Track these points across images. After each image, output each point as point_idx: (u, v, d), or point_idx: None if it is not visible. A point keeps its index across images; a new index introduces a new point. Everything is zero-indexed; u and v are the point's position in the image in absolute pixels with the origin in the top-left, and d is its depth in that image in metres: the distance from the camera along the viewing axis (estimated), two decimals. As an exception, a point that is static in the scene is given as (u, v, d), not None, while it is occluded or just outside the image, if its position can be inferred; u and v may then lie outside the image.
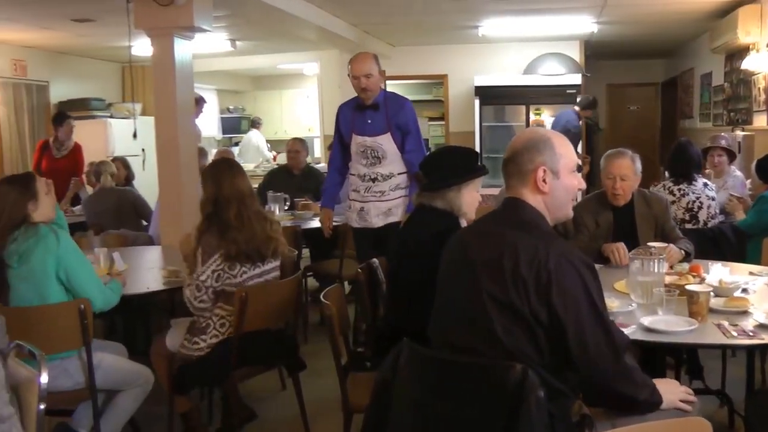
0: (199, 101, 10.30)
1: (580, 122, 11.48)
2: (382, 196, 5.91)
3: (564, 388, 2.56)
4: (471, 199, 4.01)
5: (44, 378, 2.74)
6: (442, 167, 3.99)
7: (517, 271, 2.54)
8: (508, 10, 10.09)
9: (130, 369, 4.46)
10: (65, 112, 10.27)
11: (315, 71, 14.45)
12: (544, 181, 2.76)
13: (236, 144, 16.36)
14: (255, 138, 15.88)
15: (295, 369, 4.86)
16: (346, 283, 6.93)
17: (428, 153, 4.86)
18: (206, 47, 11.00)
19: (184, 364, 4.51)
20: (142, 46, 9.10)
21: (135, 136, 7.97)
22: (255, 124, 16.07)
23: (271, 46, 12.59)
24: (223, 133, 16.73)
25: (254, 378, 4.82)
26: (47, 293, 4.12)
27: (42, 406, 2.74)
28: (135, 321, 6.09)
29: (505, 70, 13.26)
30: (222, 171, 4.59)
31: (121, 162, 8.97)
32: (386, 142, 5.85)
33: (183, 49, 6.96)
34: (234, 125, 16.77)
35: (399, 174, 5.93)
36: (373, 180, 5.91)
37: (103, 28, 10.22)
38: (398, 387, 2.73)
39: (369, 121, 5.87)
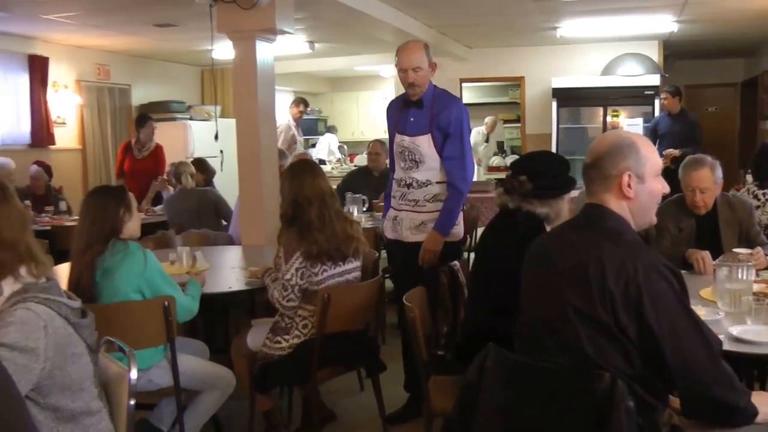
0: (299, 103, 10.48)
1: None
2: (415, 206, 5.17)
3: (652, 399, 2.52)
4: (567, 208, 3.97)
5: (134, 374, 2.77)
6: (551, 174, 3.92)
7: (604, 286, 2.48)
8: (587, 11, 10.01)
9: (212, 372, 4.50)
10: (147, 114, 10.47)
11: (391, 73, 14.45)
12: (629, 186, 2.68)
13: (312, 146, 16.46)
14: (327, 140, 16.07)
15: (374, 371, 4.85)
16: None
17: (523, 156, 4.61)
18: (285, 49, 11.07)
19: (265, 363, 4.54)
20: (221, 50, 9.21)
21: (216, 137, 8.04)
22: (331, 129, 16.21)
23: (348, 47, 12.64)
24: (301, 134, 16.81)
25: (333, 378, 4.82)
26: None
27: (132, 402, 2.77)
28: (215, 319, 6.15)
29: (582, 72, 13.14)
30: (303, 172, 4.63)
31: (201, 163, 9.08)
32: (424, 145, 5.08)
33: (264, 51, 7.00)
34: (310, 127, 16.86)
35: (437, 183, 5.13)
36: (408, 186, 5.22)
37: (184, 32, 10.40)
38: (484, 392, 2.70)
39: (411, 119, 5.16)
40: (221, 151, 11.62)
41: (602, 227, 2.69)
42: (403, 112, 5.22)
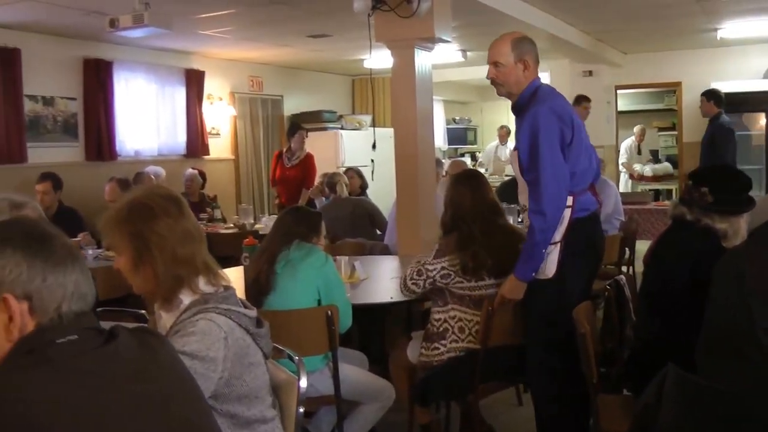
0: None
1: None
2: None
3: None
4: (745, 227, 3.77)
5: (303, 382, 2.77)
6: (735, 189, 3.74)
7: None
8: (751, 9, 9.56)
9: (373, 383, 4.48)
10: (298, 123, 10.68)
11: (544, 81, 14.22)
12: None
13: (462, 155, 16.35)
14: (492, 148, 15.79)
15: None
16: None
17: (705, 167, 4.31)
18: (438, 58, 11.04)
19: (426, 375, 4.48)
20: (374, 59, 9.25)
21: (374, 147, 8.05)
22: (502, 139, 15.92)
23: (499, 56, 12.52)
24: (449, 143, 16.79)
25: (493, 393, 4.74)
26: (302, 300, 4.26)
27: (301, 410, 2.77)
28: (370, 330, 6.12)
29: (743, 75, 12.59)
30: (467, 182, 4.55)
31: (355, 172, 9.12)
32: (515, 163, 4.33)
33: (423, 60, 6.96)
34: (459, 136, 16.81)
35: None
36: (518, 212, 4.92)
37: (337, 42, 10.53)
38: (664, 415, 2.57)
39: (516, 130, 4.41)
40: (372, 161, 11.67)
41: None
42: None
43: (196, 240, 2.68)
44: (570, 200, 4.08)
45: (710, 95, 10.01)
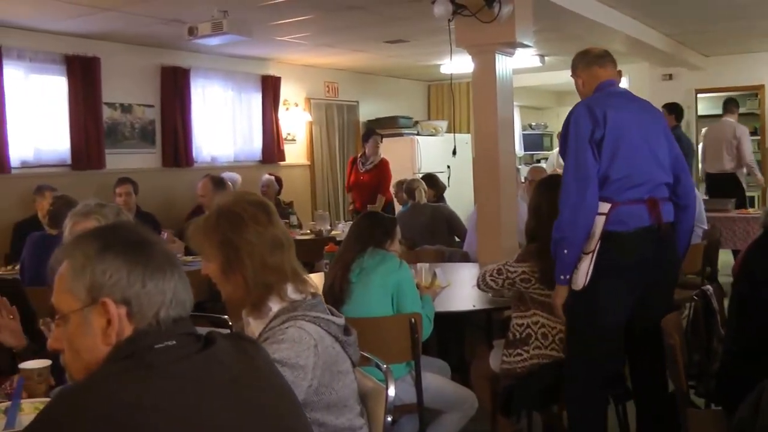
0: None
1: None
2: None
3: None
4: None
5: (392, 391, 2.73)
6: None
7: None
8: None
9: (455, 392, 4.43)
10: (373, 129, 10.75)
11: (622, 85, 13.98)
12: None
13: (538, 161, 16.21)
14: (555, 156, 15.56)
15: (621, 398, 4.60)
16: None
17: None
18: (516, 63, 10.96)
19: (509, 384, 4.42)
20: (451, 64, 9.21)
21: (454, 153, 7.99)
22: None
23: (577, 60, 12.38)
24: (525, 149, 16.66)
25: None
26: (377, 308, 4.22)
27: (389, 418, 2.73)
28: (450, 338, 6.06)
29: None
30: (551, 189, 4.45)
31: (432, 178, 9.05)
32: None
33: (504, 65, 6.92)
34: (536, 142, 16.67)
35: None
36: None
37: (413, 48, 10.54)
38: (760, 429, 2.50)
39: None
40: (448, 167, 11.61)
41: None
42: None
43: (285, 247, 2.67)
44: (606, 207, 3.89)
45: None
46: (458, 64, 8.13)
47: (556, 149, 15.10)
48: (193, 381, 1.63)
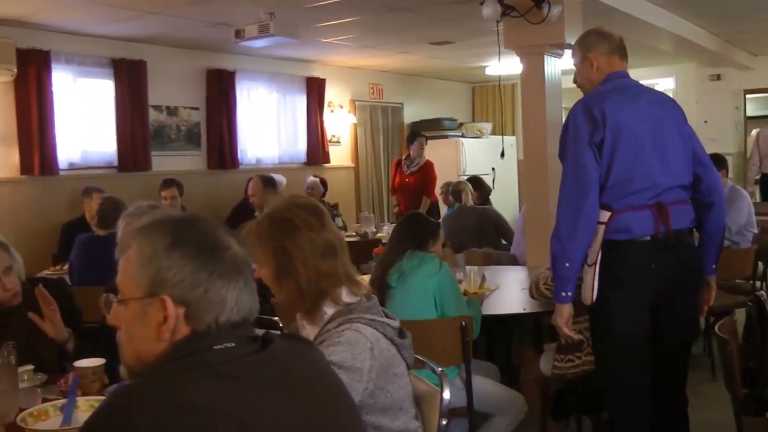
0: None
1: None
2: None
3: None
4: None
5: (447, 394, 2.70)
6: None
7: None
8: None
9: (505, 395, 4.39)
10: (417, 131, 10.67)
11: (669, 86, 13.90)
12: None
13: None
14: None
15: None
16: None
17: None
18: (564, 64, 10.89)
19: (560, 388, 4.39)
20: (496, 66, 9.17)
21: (502, 155, 7.95)
22: None
23: (623, 61, 12.27)
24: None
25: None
26: (418, 312, 4.17)
27: (444, 422, 2.69)
28: (497, 341, 6.02)
29: None
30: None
31: (477, 181, 9.01)
32: None
33: (552, 66, 6.89)
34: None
35: None
36: None
37: (458, 50, 10.52)
38: None
39: None
40: (493, 169, 11.55)
41: None
42: None
43: (339, 251, 2.64)
44: (605, 215, 3.56)
45: None
46: (503, 65, 8.08)
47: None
48: (251, 382, 1.62)
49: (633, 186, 3.56)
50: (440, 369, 2.86)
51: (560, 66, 7.06)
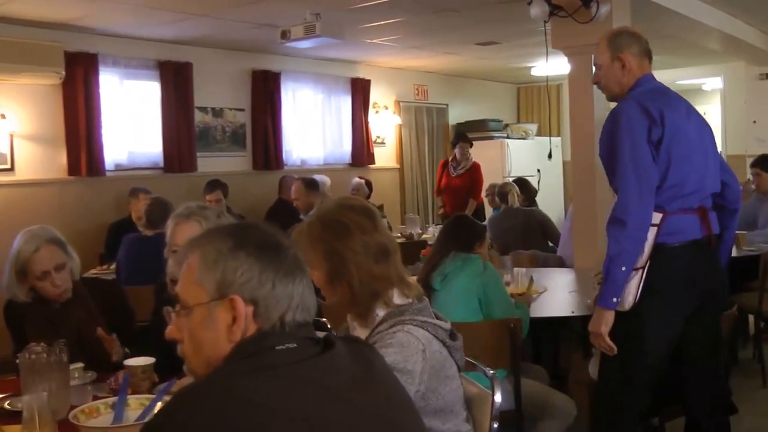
0: None
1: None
2: None
3: None
4: None
5: (498, 397, 2.68)
6: None
7: None
8: None
9: (553, 399, 4.33)
10: (463, 133, 10.67)
11: (717, 86, 13.73)
12: None
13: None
14: None
15: (724, 411, 4.47)
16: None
17: None
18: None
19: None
20: (543, 67, 9.13)
21: (550, 156, 7.90)
22: None
23: (669, 60, 12.13)
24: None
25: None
26: (461, 314, 4.13)
27: (495, 425, 2.67)
28: (545, 343, 5.97)
29: None
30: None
31: (523, 183, 8.96)
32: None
33: (601, 66, 6.75)
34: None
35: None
36: None
37: (504, 50, 10.51)
38: None
39: None
40: (538, 170, 11.49)
41: None
42: None
43: (391, 253, 2.62)
44: (657, 217, 3.45)
45: None
46: (550, 65, 8.03)
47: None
48: (311, 383, 1.63)
49: (684, 188, 3.48)
50: (492, 372, 2.84)
51: (608, 66, 6.95)
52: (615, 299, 3.47)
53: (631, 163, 3.42)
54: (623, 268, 3.41)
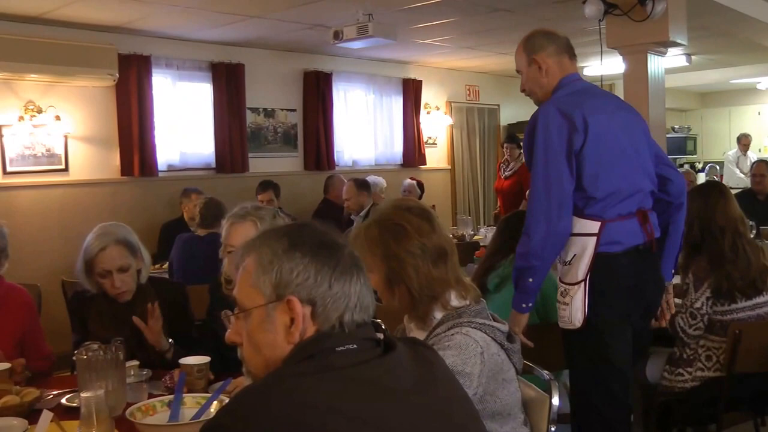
0: None
1: None
2: None
3: None
4: None
5: (556, 400, 2.67)
6: None
7: None
8: None
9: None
10: (513, 134, 10.61)
11: (764, 86, 13.51)
12: None
13: (681, 166, 15.62)
14: (733, 156, 14.19)
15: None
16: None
17: None
18: (668, 62, 10.69)
19: (667, 399, 4.26)
20: (594, 66, 9.07)
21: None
22: (740, 140, 14.02)
23: (725, 59, 11.98)
24: (668, 153, 16.14)
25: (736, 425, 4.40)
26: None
27: (553, 428, 2.66)
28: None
29: None
30: (715, 196, 4.25)
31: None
32: None
33: (656, 65, 6.78)
34: (678, 145, 16.15)
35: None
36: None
37: (557, 50, 10.30)
38: None
39: None
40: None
41: None
42: None
43: (449, 255, 2.60)
44: (595, 226, 3.32)
45: None
46: (604, 64, 7.95)
47: (731, 151, 14.36)
48: (372, 385, 1.61)
49: (621, 194, 3.36)
50: (549, 375, 2.82)
51: (664, 64, 6.96)
52: (525, 305, 3.46)
53: (543, 180, 3.31)
54: (531, 280, 3.38)
